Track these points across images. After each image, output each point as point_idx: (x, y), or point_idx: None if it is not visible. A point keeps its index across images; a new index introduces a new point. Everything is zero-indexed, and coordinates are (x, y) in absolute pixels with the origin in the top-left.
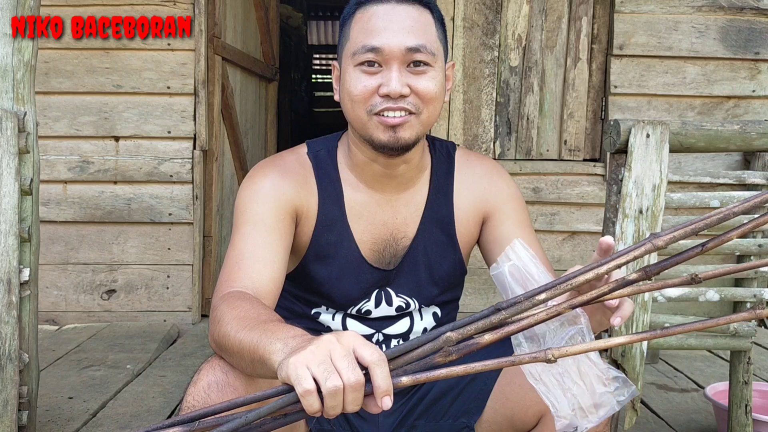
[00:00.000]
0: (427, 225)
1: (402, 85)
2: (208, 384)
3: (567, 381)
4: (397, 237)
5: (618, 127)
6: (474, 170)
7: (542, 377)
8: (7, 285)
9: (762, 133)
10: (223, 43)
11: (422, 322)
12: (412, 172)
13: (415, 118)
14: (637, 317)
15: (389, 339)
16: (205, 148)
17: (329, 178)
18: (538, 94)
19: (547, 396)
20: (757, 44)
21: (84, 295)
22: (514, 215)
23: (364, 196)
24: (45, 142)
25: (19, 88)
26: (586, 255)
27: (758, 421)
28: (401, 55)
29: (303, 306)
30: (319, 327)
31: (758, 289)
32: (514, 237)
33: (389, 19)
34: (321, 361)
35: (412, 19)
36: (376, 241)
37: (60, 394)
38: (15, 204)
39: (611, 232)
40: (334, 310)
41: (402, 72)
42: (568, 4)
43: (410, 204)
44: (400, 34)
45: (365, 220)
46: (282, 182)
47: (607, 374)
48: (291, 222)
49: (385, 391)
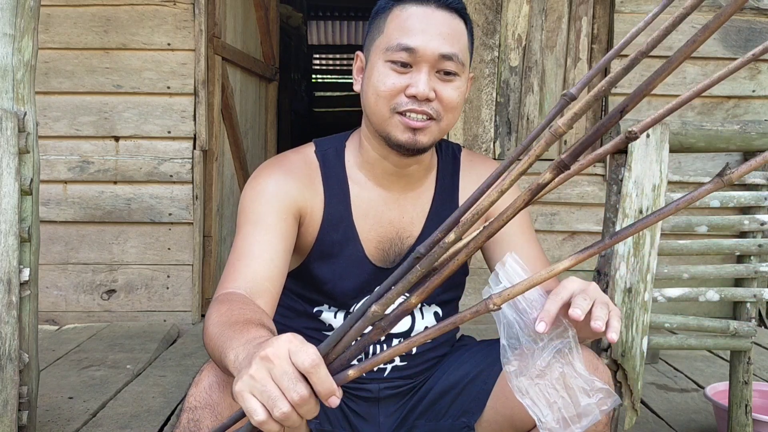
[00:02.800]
0: (431, 225)
1: (430, 89)
2: (209, 384)
3: (552, 394)
4: (402, 236)
5: (618, 127)
6: (478, 171)
7: (529, 391)
8: (7, 285)
9: (762, 133)
10: (223, 43)
11: (423, 321)
12: (420, 173)
13: (435, 124)
14: (637, 317)
15: (390, 338)
16: (205, 148)
17: (336, 176)
18: (538, 94)
19: (533, 409)
20: (757, 44)
21: (84, 295)
22: (514, 219)
23: (372, 194)
24: (45, 142)
25: (19, 88)
26: None
27: (758, 421)
28: (434, 60)
29: (305, 304)
30: (320, 326)
31: (758, 289)
32: (514, 237)
33: (427, 22)
34: (263, 386)
35: (448, 26)
36: (381, 239)
37: (60, 394)
38: (15, 204)
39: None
40: (336, 309)
41: (431, 76)
42: (568, 4)
43: (417, 204)
44: (436, 40)
45: (372, 218)
46: (285, 182)
47: (591, 385)
48: (294, 222)
49: (328, 394)
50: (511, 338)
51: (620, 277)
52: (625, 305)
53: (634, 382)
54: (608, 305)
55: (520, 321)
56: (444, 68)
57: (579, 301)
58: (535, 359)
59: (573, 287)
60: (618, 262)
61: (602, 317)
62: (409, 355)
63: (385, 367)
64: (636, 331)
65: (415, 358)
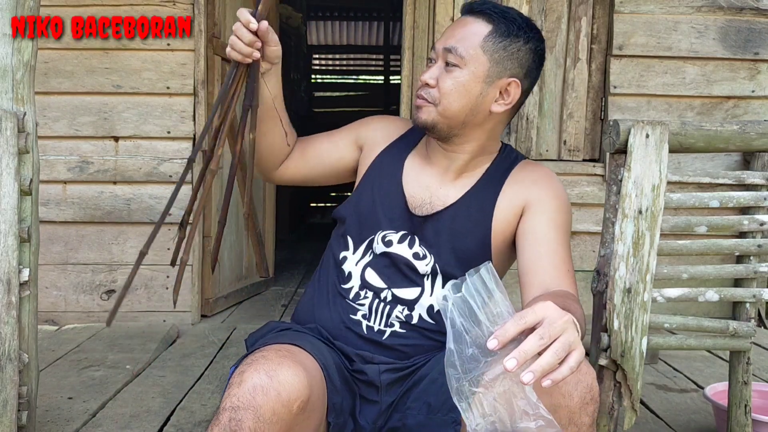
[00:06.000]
0: (465, 202)
1: (431, 77)
2: (253, 386)
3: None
4: (434, 202)
5: (617, 127)
6: (528, 170)
7: (468, 397)
8: (7, 285)
9: (761, 134)
10: (223, 43)
11: (431, 298)
12: (465, 160)
13: (432, 107)
14: (636, 317)
15: (396, 301)
16: (205, 149)
17: (408, 141)
18: (537, 95)
19: (467, 414)
20: (757, 44)
21: (83, 296)
22: (549, 213)
23: (422, 161)
24: (44, 143)
25: (19, 88)
26: (585, 255)
27: (757, 421)
28: (442, 53)
29: (339, 249)
30: (340, 276)
31: (758, 290)
32: (543, 232)
33: (453, 26)
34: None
35: (464, 26)
36: (415, 197)
37: (59, 394)
38: (15, 204)
39: (611, 233)
40: (360, 249)
41: (441, 67)
42: (568, 5)
43: (457, 182)
44: (449, 38)
45: (414, 175)
46: (372, 122)
47: (535, 411)
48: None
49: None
50: (460, 344)
51: (620, 277)
52: (625, 305)
53: (633, 383)
54: (569, 346)
55: (474, 331)
56: (447, 60)
57: (531, 340)
58: (481, 369)
59: (543, 314)
60: (617, 262)
61: (538, 369)
62: (409, 323)
63: (384, 330)
64: (635, 331)
65: (414, 329)
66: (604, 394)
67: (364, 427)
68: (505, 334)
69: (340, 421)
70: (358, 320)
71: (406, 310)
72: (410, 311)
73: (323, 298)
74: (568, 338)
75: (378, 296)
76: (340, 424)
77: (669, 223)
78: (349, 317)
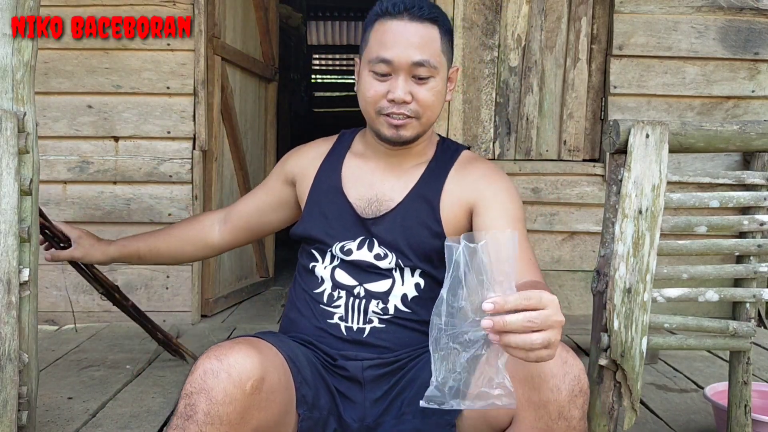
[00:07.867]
0: (412, 198)
1: (405, 93)
2: (204, 371)
3: (460, 365)
4: (381, 199)
5: (617, 127)
6: (472, 166)
7: (442, 349)
8: (7, 285)
9: (761, 134)
10: (223, 43)
11: (403, 288)
12: (410, 156)
13: (415, 121)
14: (636, 317)
15: (370, 296)
16: (205, 149)
17: (339, 151)
18: (537, 95)
19: (435, 365)
20: (757, 44)
21: (83, 296)
22: (501, 206)
23: (360, 162)
24: (44, 143)
25: (19, 88)
26: (585, 255)
27: (757, 421)
28: (408, 67)
29: (308, 260)
30: (315, 282)
31: (758, 290)
32: (502, 226)
33: (401, 35)
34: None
35: (420, 36)
36: (361, 199)
37: (59, 394)
38: (15, 204)
39: (610, 233)
40: (326, 257)
41: (407, 81)
42: (568, 5)
43: (401, 179)
44: (409, 50)
45: (356, 180)
46: (291, 157)
47: (500, 380)
48: (284, 183)
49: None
50: (454, 294)
51: (620, 277)
52: (625, 305)
53: (633, 383)
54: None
55: (473, 286)
56: (417, 74)
57: (520, 317)
58: (464, 328)
59: (545, 305)
60: (617, 262)
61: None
62: (387, 316)
63: (363, 328)
64: (635, 331)
65: (392, 321)
66: (604, 394)
67: (350, 425)
68: (504, 304)
69: (314, 416)
70: (335, 324)
71: (381, 303)
72: (385, 303)
73: (300, 308)
74: (551, 337)
75: (351, 293)
76: (315, 419)
77: (669, 223)
78: (326, 322)
